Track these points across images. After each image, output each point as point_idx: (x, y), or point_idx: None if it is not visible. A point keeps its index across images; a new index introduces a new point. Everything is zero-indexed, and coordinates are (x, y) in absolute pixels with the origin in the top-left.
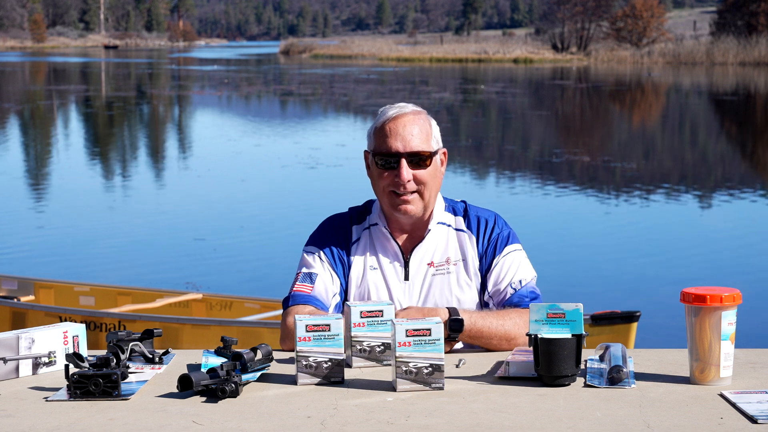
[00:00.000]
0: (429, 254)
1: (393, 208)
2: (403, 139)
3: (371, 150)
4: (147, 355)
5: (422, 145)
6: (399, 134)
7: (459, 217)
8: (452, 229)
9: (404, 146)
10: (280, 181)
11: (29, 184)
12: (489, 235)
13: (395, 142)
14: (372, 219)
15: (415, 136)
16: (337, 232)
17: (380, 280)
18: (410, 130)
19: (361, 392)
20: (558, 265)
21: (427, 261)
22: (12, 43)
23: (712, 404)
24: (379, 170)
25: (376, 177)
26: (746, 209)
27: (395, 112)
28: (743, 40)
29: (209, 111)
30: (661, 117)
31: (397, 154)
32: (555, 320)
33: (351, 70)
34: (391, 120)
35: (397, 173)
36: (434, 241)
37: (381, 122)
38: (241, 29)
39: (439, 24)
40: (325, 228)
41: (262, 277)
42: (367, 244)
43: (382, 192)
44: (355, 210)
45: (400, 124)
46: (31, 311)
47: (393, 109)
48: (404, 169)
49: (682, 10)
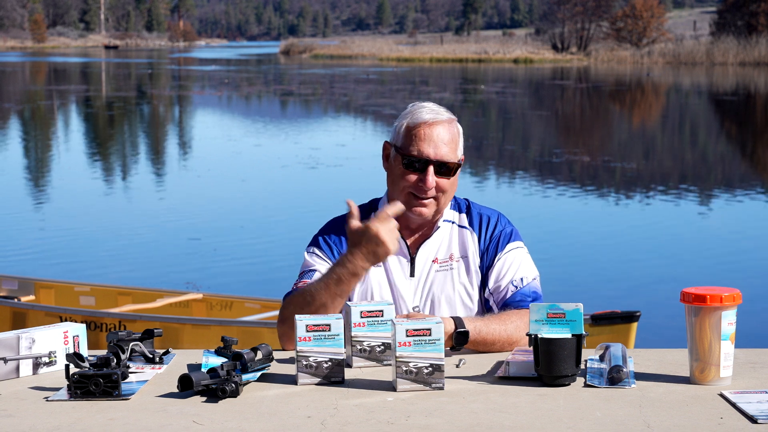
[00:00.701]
0: (434, 251)
1: (408, 207)
2: (435, 147)
3: (398, 146)
4: (147, 355)
5: (451, 155)
6: (432, 141)
7: (462, 214)
8: (456, 225)
9: (435, 154)
10: (281, 181)
11: (29, 184)
12: (491, 233)
13: (427, 148)
14: None
15: (447, 144)
16: (339, 232)
17: (383, 277)
18: (443, 138)
19: (361, 392)
20: (558, 265)
21: (432, 258)
22: (12, 43)
23: (712, 404)
24: (403, 169)
25: (397, 174)
26: (746, 209)
27: (432, 117)
28: (743, 40)
29: (209, 111)
30: (661, 117)
31: (427, 160)
32: (555, 320)
33: (350, 70)
34: (427, 124)
35: (422, 178)
36: (440, 238)
37: (415, 123)
38: (242, 29)
39: (439, 24)
40: (327, 229)
41: (263, 277)
42: None
43: (401, 190)
44: (361, 208)
45: (435, 131)
46: (32, 311)
47: (429, 113)
48: (430, 176)
49: (682, 10)
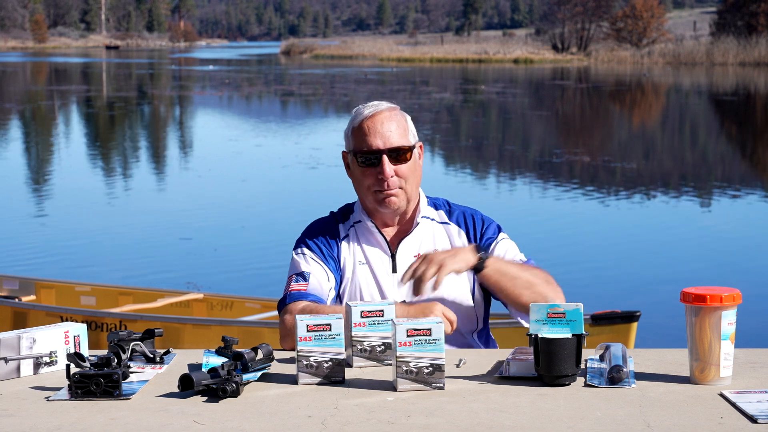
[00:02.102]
0: (416, 246)
1: (378, 203)
2: (382, 136)
3: (350, 150)
4: (148, 355)
5: (401, 140)
6: (378, 131)
7: (441, 212)
8: (436, 222)
9: (384, 143)
10: (281, 181)
11: (30, 184)
12: (480, 229)
13: (375, 139)
14: (355, 217)
15: (394, 132)
16: (324, 232)
17: (369, 275)
18: (388, 126)
19: (361, 392)
20: (558, 265)
21: (414, 253)
22: (13, 43)
23: (712, 404)
24: (361, 168)
25: (358, 176)
26: (746, 209)
27: (371, 111)
28: (743, 41)
29: (210, 111)
30: (661, 117)
31: (378, 151)
32: (555, 320)
33: (350, 70)
34: (369, 118)
35: (380, 170)
36: (421, 233)
37: (358, 121)
38: (242, 30)
39: (439, 24)
40: (311, 229)
41: (263, 276)
42: (354, 241)
43: (366, 190)
44: (338, 211)
45: (377, 122)
46: (33, 311)
47: (368, 108)
48: (386, 165)
49: (682, 11)
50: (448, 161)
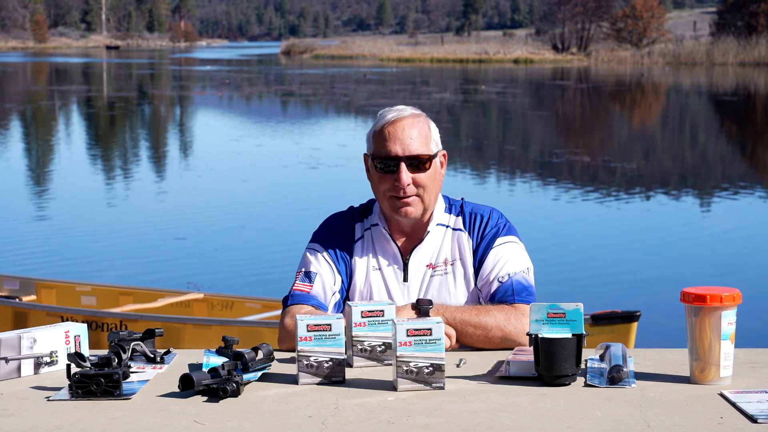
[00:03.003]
0: (428, 256)
1: (393, 211)
2: (402, 143)
3: (371, 153)
4: (148, 355)
5: (421, 148)
6: (398, 138)
7: (458, 217)
8: (450, 229)
9: (403, 150)
10: (281, 181)
11: (31, 184)
12: (483, 230)
13: (394, 145)
14: (373, 219)
15: (414, 139)
16: (340, 231)
17: (381, 282)
18: (409, 133)
19: (362, 392)
20: (558, 264)
21: (426, 263)
22: (14, 43)
23: (712, 404)
24: (378, 174)
25: (376, 180)
26: (746, 209)
27: (394, 116)
28: (743, 41)
29: (210, 111)
30: (661, 117)
31: (396, 158)
32: (555, 320)
33: (350, 70)
34: (390, 123)
35: (397, 177)
36: (433, 242)
37: (380, 126)
38: (243, 30)
39: (439, 24)
40: (328, 226)
41: (263, 276)
42: (369, 244)
43: (383, 196)
44: (358, 208)
45: (399, 128)
46: (33, 311)
47: (392, 113)
48: (403, 173)
49: (682, 11)
50: (448, 161)
